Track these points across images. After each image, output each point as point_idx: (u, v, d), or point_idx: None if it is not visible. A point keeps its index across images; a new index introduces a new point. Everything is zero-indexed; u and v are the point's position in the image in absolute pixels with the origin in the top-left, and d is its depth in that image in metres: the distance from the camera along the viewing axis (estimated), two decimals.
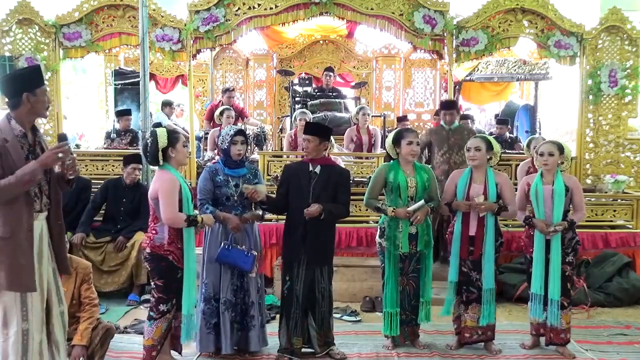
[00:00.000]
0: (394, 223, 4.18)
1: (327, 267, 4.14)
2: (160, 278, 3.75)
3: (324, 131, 4.16)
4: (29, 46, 6.65)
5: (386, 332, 4.27)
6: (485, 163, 4.25)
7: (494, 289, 4.25)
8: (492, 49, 6.72)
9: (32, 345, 3.02)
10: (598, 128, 6.72)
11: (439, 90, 10.10)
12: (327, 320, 4.17)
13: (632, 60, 6.61)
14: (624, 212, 6.20)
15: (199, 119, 9.59)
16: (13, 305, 2.98)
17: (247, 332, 4.08)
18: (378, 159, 6.59)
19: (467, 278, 4.26)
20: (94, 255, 5.44)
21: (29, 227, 3.00)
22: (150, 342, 3.77)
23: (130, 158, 5.75)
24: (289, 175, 4.15)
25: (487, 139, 4.33)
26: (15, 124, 3.01)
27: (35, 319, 3.03)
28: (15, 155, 2.95)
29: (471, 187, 4.22)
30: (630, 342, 4.57)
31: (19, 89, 3.00)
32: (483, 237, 4.19)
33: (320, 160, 4.11)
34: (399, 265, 4.21)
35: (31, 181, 2.92)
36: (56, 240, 3.20)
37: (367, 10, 6.65)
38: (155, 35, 6.62)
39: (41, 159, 2.95)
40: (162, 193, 3.65)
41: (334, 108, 8.31)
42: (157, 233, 3.73)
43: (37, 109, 3.05)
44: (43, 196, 3.10)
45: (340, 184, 4.10)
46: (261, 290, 4.22)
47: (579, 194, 4.25)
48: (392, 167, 4.25)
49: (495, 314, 4.29)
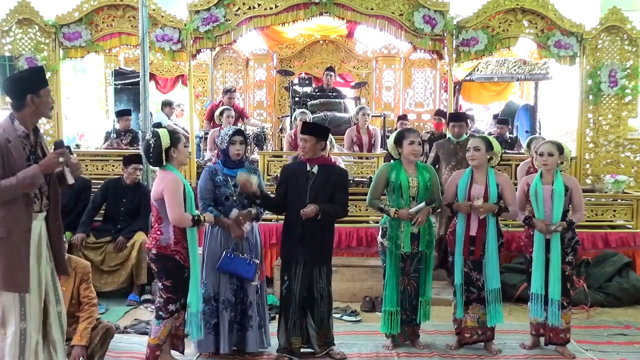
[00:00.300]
0: (395, 223, 4.18)
1: (326, 267, 4.14)
2: (168, 278, 3.75)
3: (320, 131, 4.17)
4: (29, 46, 6.65)
5: (384, 330, 4.27)
6: (486, 163, 4.25)
7: (500, 289, 4.25)
8: (492, 49, 6.72)
9: (30, 345, 3.03)
10: (598, 128, 6.71)
11: (439, 91, 10.10)
12: (327, 320, 4.17)
13: (632, 60, 6.60)
14: (624, 212, 6.20)
15: (199, 119, 9.59)
16: (12, 304, 2.99)
17: (245, 333, 4.08)
18: (378, 159, 6.59)
19: (467, 278, 4.26)
20: (94, 256, 5.44)
21: (26, 229, 3.00)
22: (155, 341, 3.78)
23: (130, 158, 5.75)
24: (287, 175, 4.16)
25: (486, 138, 4.33)
26: (19, 124, 3.03)
27: (33, 318, 3.04)
28: (17, 156, 2.96)
29: (472, 188, 4.22)
30: (630, 342, 4.57)
31: (23, 90, 3.02)
32: (483, 238, 4.19)
33: (318, 160, 4.10)
34: (400, 265, 4.22)
35: (32, 185, 2.95)
36: (55, 240, 3.20)
37: (367, 10, 6.65)
38: (155, 35, 6.62)
39: (42, 163, 2.98)
40: (168, 193, 3.66)
41: (334, 108, 8.31)
42: (163, 234, 3.73)
43: (41, 110, 3.07)
44: (42, 197, 3.10)
45: (338, 184, 4.10)
46: (261, 291, 4.21)
47: (578, 194, 4.26)
48: (394, 167, 4.25)
49: (502, 314, 4.29)
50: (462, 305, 4.27)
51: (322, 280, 4.10)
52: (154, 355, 3.78)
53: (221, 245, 4.06)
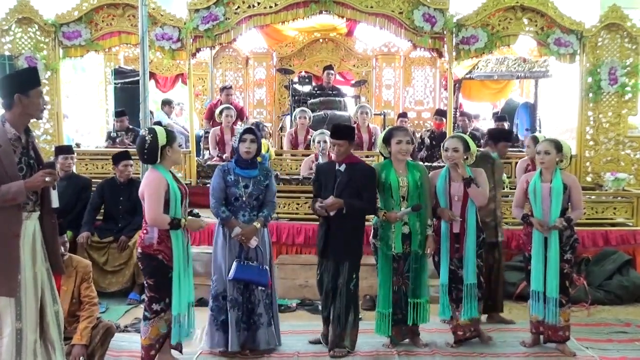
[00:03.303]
0: (386, 223, 4.18)
1: (348, 263, 4.14)
2: (151, 277, 3.74)
3: (351, 134, 4.30)
4: (29, 45, 6.66)
5: (377, 332, 4.27)
6: (463, 161, 4.24)
7: (475, 284, 4.23)
8: (492, 47, 6.72)
9: (26, 345, 3.02)
10: (598, 126, 6.72)
11: (439, 89, 10.10)
12: (343, 317, 4.14)
13: (632, 58, 6.61)
14: (624, 210, 6.20)
15: (199, 117, 9.60)
16: (7, 305, 2.98)
17: (255, 331, 4.10)
18: (378, 157, 6.59)
19: (454, 276, 4.26)
20: (97, 256, 5.47)
21: (14, 234, 2.96)
22: (147, 342, 3.77)
23: (119, 156, 5.76)
24: (319, 175, 4.35)
25: (464, 138, 4.30)
26: (9, 127, 3.00)
27: (29, 318, 3.03)
28: (7, 161, 2.93)
29: (451, 187, 4.23)
30: (630, 340, 4.56)
31: (12, 89, 2.99)
32: (466, 233, 4.21)
33: (346, 159, 4.20)
34: (393, 265, 4.21)
35: (14, 200, 2.90)
36: (49, 240, 3.18)
37: (366, 9, 6.65)
38: (155, 34, 6.62)
39: (29, 181, 2.95)
40: (147, 192, 3.67)
41: (334, 106, 8.30)
42: (148, 232, 3.72)
43: (30, 110, 3.04)
44: (36, 196, 3.08)
45: (364, 181, 4.15)
46: (270, 289, 4.21)
47: (577, 192, 4.25)
48: (384, 167, 4.25)
49: (478, 309, 4.28)
50: (448, 305, 4.27)
51: (342, 276, 4.13)
52: (149, 356, 3.78)
53: (226, 243, 4.06)
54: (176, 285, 3.71)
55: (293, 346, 4.31)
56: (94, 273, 4.16)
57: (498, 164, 4.90)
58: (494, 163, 4.81)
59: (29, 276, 3.04)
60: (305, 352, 4.22)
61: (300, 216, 6.11)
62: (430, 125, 9.16)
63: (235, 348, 4.04)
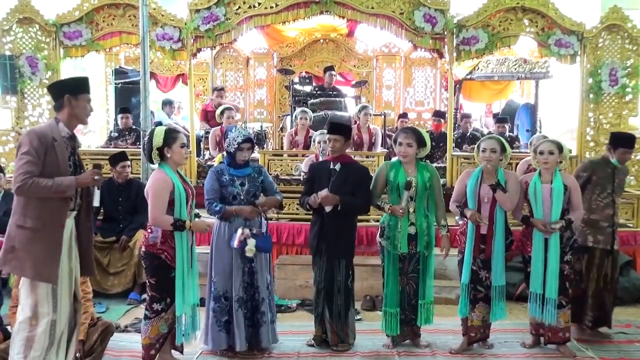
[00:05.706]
0: (393, 223, 4.17)
1: (345, 261, 4.20)
2: (153, 276, 3.75)
3: (348, 130, 4.32)
4: (30, 45, 6.67)
5: (387, 330, 4.28)
6: (498, 164, 4.23)
7: (504, 286, 4.23)
8: (493, 48, 6.73)
9: (57, 337, 3.15)
10: (599, 127, 6.72)
11: (439, 89, 10.10)
12: (344, 315, 4.21)
13: (632, 59, 6.62)
14: (625, 211, 6.20)
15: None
16: (46, 295, 3.10)
17: (259, 329, 4.12)
18: (378, 158, 6.59)
19: (476, 277, 4.22)
20: (101, 256, 5.49)
21: (60, 223, 3.13)
22: (147, 341, 3.77)
23: (117, 157, 5.77)
24: (313, 173, 4.36)
25: (501, 140, 4.26)
26: (63, 126, 3.19)
27: (63, 311, 3.18)
28: (61, 156, 3.11)
29: (481, 188, 4.21)
30: (630, 341, 4.57)
31: (63, 91, 3.19)
32: (494, 235, 4.18)
33: (341, 158, 4.23)
34: (399, 265, 4.21)
35: (64, 193, 3.08)
36: (85, 240, 3.34)
37: (367, 9, 6.66)
38: (155, 34, 6.63)
39: (80, 177, 3.16)
40: (150, 192, 3.68)
41: (334, 107, 8.30)
42: (152, 232, 3.73)
43: (77, 112, 3.21)
44: (77, 196, 3.24)
45: (359, 180, 4.20)
46: (270, 287, 4.25)
47: (576, 193, 4.24)
48: (393, 166, 4.25)
49: (505, 311, 4.29)
50: (468, 304, 4.24)
51: (340, 273, 4.18)
52: (150, 355, 3.79)
53: (228, 243, 4.05)
54: (179, 286, 3.71)
55: (293, 346, 4.31)
56: (97, 274, 4.17)
57: (621, 170, 4.62)
58: (614, 169, 4.57)
59: (64, 270, 3.18)
60: (306, 353, 4.23)
61: (301, 216, 6.10)
62: (431, 126, 9.17)
63: (243, 347, 4.04)
